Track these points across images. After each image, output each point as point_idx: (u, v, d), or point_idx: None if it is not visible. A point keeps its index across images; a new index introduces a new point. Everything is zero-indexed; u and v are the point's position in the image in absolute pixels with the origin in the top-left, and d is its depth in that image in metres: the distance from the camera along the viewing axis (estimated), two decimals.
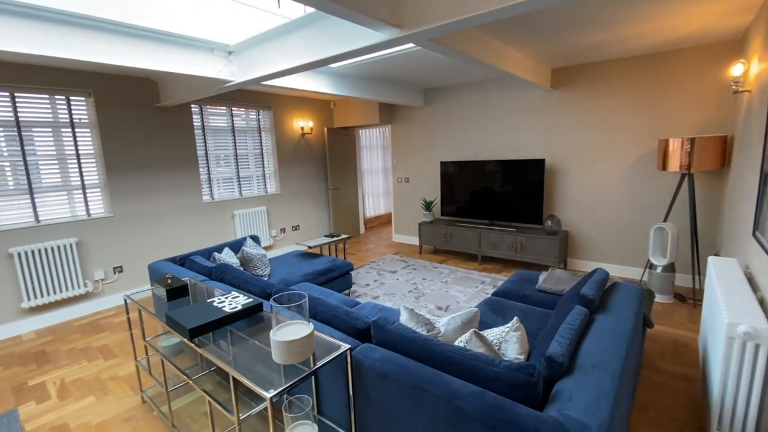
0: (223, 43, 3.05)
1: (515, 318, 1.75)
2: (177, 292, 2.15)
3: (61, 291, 3.62)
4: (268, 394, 1.24)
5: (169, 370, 2.54)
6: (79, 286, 3.73)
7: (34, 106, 3.50)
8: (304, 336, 1.42)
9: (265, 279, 3.23)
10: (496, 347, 1.70)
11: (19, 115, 3.41)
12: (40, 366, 2.86)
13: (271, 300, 1.50)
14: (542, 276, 2.98)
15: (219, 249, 3.41)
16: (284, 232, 5.80)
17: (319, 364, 1.43)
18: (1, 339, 3.34)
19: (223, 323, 1.78)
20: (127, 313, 2.25)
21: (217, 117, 4.91)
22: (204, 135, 4.77)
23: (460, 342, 1.63)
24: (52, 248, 3.55)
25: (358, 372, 1.57)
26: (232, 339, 1.72)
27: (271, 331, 1.46)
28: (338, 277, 3.77)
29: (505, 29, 2.95)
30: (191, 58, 2.95)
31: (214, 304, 1.90)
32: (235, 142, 5.12)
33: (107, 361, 2.88)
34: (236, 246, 3.60)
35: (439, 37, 2.44)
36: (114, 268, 4.01)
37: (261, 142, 5.46)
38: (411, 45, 3.24)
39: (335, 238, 4.41)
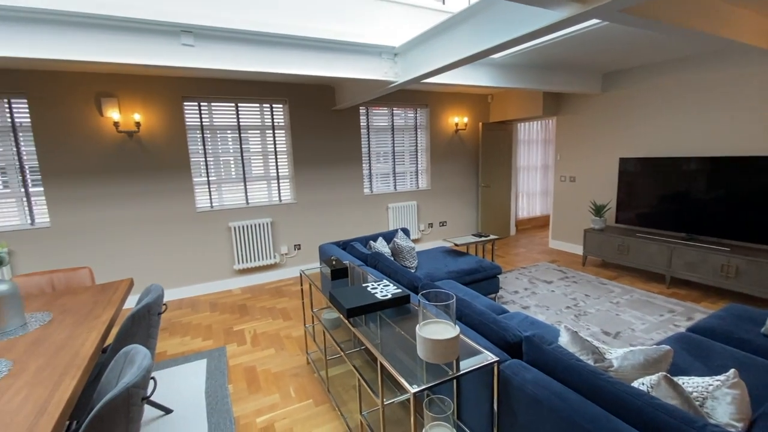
0: (389, 46, 3.25)
1: (732, 371, 1.30)
2: (339, 273, 2.42)
3: (258, 259, 4.58)
4: (412, 389, 1.25)
5: (329, 340, 2.89)
6: (270, 257, 4.64)
7: (250, 113, 4.48)
8: (449, 338, 1.37)
9: (412, 271, 3.33)
10: (698, 403, 1.30)
11: (240, 120, 4.42)
12: (241, 316, 3.67)
13: (419, 295, 1.51)
14: None
15: (374, 238, 3.70)
16: (432, 227, 5.91)
17: (464, 370, 1.37)
18: (220, 291, 4.45)
19: (374, 308, 1.90)
20: (302, 284, 2.66)
21: (379, 117, 5.32)
22: (368, 134, 5.24)
23: (640, 384, 1.31)
24: (255, 225, 4.51)
25: (504, 388, 1.44)
26: (381, 324, 1.82)
27: (418, 326, 1.47)
28: (484, 279, 3.60)
29: None
30: (362, 63, 3.25)
31: (368, 289, 2.05)
32: (393, 140, 5.46)
33: (285, 322, 3.49)
34: (389, 236, 3.84)
35: (635, 6, 2.00)
36: (294, 245, 4.84)
37: (416, 140, 5.67)
38: (594, 22, 2.78)
39: (483, 238, 4.23)
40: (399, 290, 2.03)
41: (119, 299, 2.12)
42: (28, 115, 3.52)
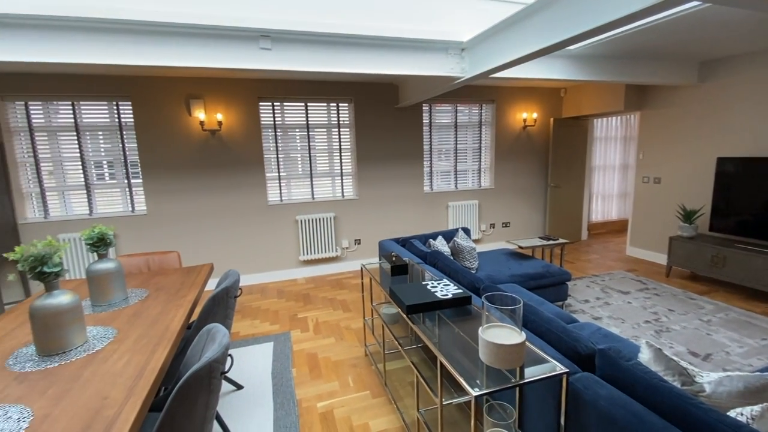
0: (456, 41, 3.18)
1: None
2: (399, 269, 2.44)
3: (321, 251, 4.78)
4: (474, 392, 1.22)
5: (387, 335, 2.93)
6: (332, 250, 4.82)
7: (317, 112, 4.67)
8: (515, 344, 1.32)
9: (473, 272, 3.25)
10: None
11: (309, 119, 4.64)
12: (305, 305, 3.87)
13: (482, 297, 1.47)
14: None
15: (434, 236, 3.67)
16: (493, 227, 5.70)
17: (529, 379, 1.31)
18: (286, 279, 4.72)
19: (434, 307, 1.89)
20: (362, 278, 2.73)
21: (442, 114, 5.24)
22: (430, 131, 5.20)
23: (738, 414, 1.15)
24: (320, 219, 4.71)
25: (574, 402, 1.35)
26: (439, 323, 1.80)
27: (480, 328, 1.43)
28: (551, 285, 3.40)
29: None
30: (428, 60, 3.22)
31: (428, 287, 2.04)
32: (456, 137, 5.36)
33: (345, 313, 3.61)
34: (449, 235, 3.78)
35: None
36: (355, 240, 4.98)
37: (480, 136, 5.50)
38: (692, 4, 2.46)
39: (551, 242, 3.99)
40: (460, 290, 2.00)
41: (201, 281, 2.34)
42: (131, 115, 4.03)
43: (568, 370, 1.35)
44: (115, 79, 3.92)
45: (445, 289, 2.03)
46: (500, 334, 1.41)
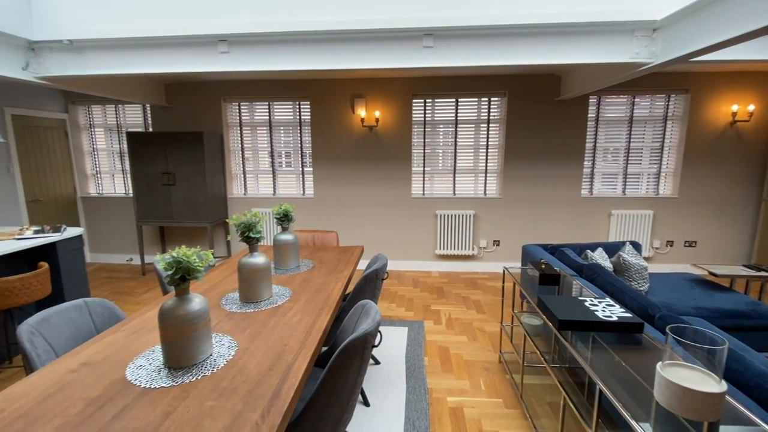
0: (646, 20, 2.68)
1: None
2: (548, 279, 2.24)
3: (457, 248, 4.76)
4: None
5: (528, 346, 2.74)
6: (469, 248, 4.75)
7: (467, 108, 4.62)
8: (712, 393, 1.06)
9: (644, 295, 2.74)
10: None
11: (458, 115, 4.62)
12: (438, 298, 3.93)
13: (667, 328, 1.22)
14: None
15: (592, 247, 3.23)
16: (671, 245, 4.67)
17: None
18: (421, 270, 4.87)
19: (592, 327, 1.67)
20: (503, 282, 2.61)
21: (614, 107, 4.52)
22: (596, 127, 4.56)
23: None
24: (459, 216, 4.69)
25: None
26: (593, 346, 1.58)
27: (659, 364, 1.20)
28: (757, 329, 2.60)
29: None
30: (605, 44, 2.81)
31: (586, 304, 1.81)
32: (629, 134, 4.56)
33: (478, 314, 3.52)
34: (612, 249, 3.27)
35: None
36: (493, 241, 4.78)
37: (664, 134, 4.54)
38: None
39: (763, 272, 3.04)
40: (628, 314, 1.71)
41: (354, 261, 2.62)
42: (309, 113, 4.74)
43: None
44: (299, 83, 4.67)
45: (608, 309, 1.77)
46: (688, 376, 1.15)
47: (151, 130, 4.97)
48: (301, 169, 4.91)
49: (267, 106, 4.82)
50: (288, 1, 2.88)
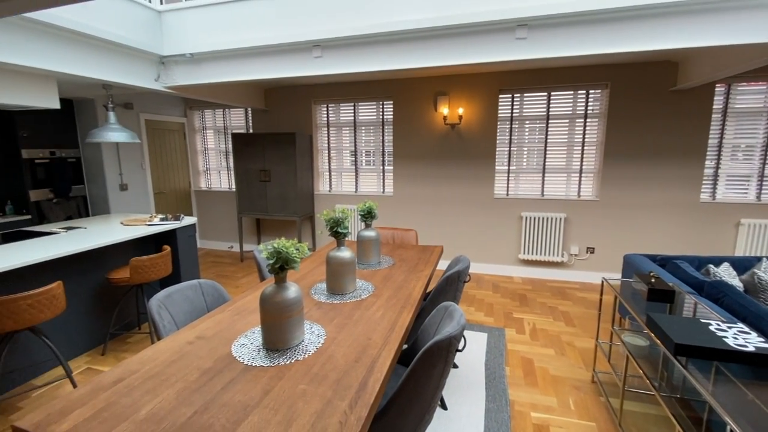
0: None
1: None
2: (660, 295, 1.95)
3: (544, 254, 4.43)
4: None
5: (631, 368, 2.44)
6: (557, 255, 4.39)
7: (561, 102, 4.25)
8: None
9: None
10: None
11: (550, 110, 4.29)
12: (521, 305, 3.70)
13: None
14: None
15: (715, 261, 2.74)
16: None
17: None
18: (502, 274, 4.64)
19: (719, 356, 1.41)
20: (601, 294, 2.35)
21: (748, 96, 3.78)
22: (723, 120, 3.86)
23: None
24: (547, 219, 4.35)
25: None
26: (715, 377, 1.34)
27: None
28: None
29: None
30: (746, 21, 2.35)
31: (712, 328, 1.54)
32: None
33: (567, 327, 3.23)
34: (741, 264, 2.74)
35: None
36: (587, 248, 4.35)
37: None
38: None
39: None
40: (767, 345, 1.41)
41: (434, 261, 2.58)
42: (391, 113, 4.81)
43: None
44: (383, 83, 4.76)
45: (741, 337, 1.48)
46: None
47: (251, 131, 5.50)
48: (382, 167, 5.01)
49: (352, 107, 5.00)
50: (373, 2, 2.94)
